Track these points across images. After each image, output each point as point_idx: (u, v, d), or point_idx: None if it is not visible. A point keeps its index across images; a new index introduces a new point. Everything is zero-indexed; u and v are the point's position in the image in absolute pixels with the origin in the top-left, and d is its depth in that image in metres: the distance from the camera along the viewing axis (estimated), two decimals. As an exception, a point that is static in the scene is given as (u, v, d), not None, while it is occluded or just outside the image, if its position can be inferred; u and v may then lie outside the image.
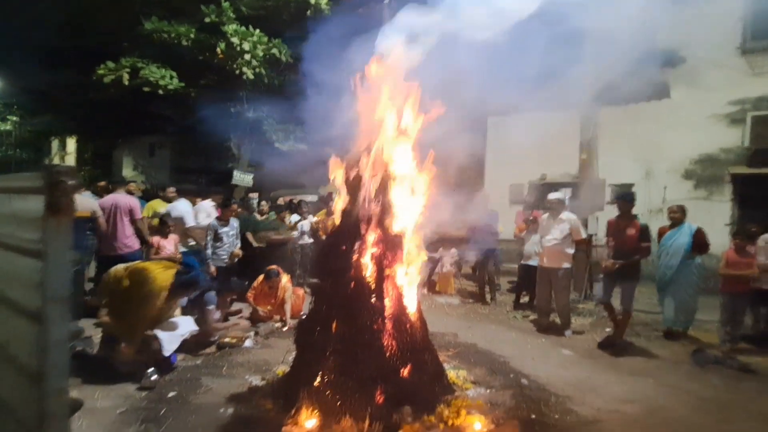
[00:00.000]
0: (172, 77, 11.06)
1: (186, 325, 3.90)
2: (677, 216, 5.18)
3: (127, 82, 10.76)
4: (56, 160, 23.46)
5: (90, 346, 4.10)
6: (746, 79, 8.64)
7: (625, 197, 5.07)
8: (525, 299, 6.67)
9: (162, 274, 3.69)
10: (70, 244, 1.32)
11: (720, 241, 5.01)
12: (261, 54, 10.89)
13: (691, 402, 3.55)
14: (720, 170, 8.87)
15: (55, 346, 1.28)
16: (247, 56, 10.82)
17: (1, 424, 1.71)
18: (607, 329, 5.32)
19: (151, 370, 3.53)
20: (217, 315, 4.72)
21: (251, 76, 11.11)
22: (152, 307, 3.61)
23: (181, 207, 5.91)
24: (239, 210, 6.47)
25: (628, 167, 9.27)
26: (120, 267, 3.85)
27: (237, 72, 11.03)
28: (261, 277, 5.52)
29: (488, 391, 3.62)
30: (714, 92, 8.75)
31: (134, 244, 5.28)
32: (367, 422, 2.85)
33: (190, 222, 5.81)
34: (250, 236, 6.49)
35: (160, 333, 3.66)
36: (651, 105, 9.16)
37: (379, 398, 2.96)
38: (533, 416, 3.19)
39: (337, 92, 4.04)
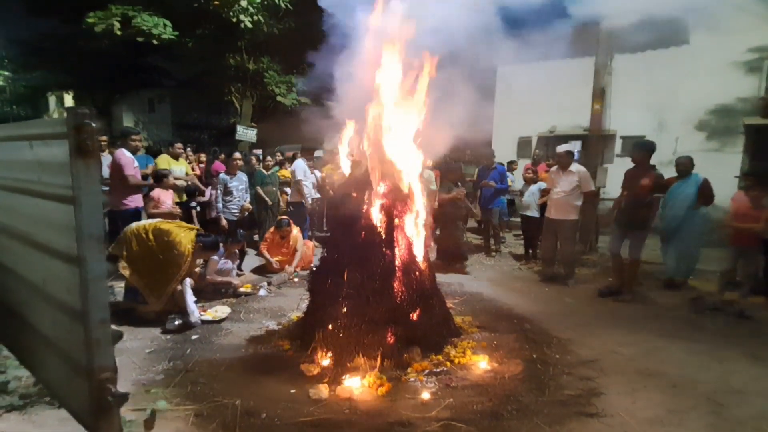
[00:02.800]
0: (165, 26, 10.59)
1: (221, 313, 4.06)
2: (684, 167, 5.14)
3: (119, 32, 10.33)
4: (55, 116, 23.13)
5: (112, 295, 4.30)
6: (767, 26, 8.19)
7: (638, 146, 4.97)
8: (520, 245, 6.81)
9: (185, 238, 3.84)
10: (100, 185, 1.36)
11: (728, 192, 4.96)
12: (258, 0, 10.36)
13: (685, 345, 3.71)
14: (734, 121, 8.65)
15: (95, 282, 1.36)
16: (243, 2, 10.30)
17: (46, 356, 1.86)
18: (609, 279, 5.46)
19: (173, 315, 3.73)
20: (230, 265, 4.88)
21: (249, 25, 10.63)
22: (179, 269, 3.80)
23: (298, 163, 6.71)
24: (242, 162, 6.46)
25: (641, 118, 9.05)
26: (140, 225, 3.97)
27: (234, 20, 10.54)
28: (272, 229, 5.65)
29: (492, 334, 3.81)
30: (734, 38, 8.33)
31: (128, 201, 5.00)
32: (378, 360, 3.05)
33: (299, 176, 6.49)
34: (260, 190, 6.55)
35: (194, 316, 3.82)
36: (669, 51, 8.77)
37: (390, 339, 3.15)
38: (535, 356, 3.38)
39: (341, 40, 3.90)
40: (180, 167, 6.07)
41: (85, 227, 1.34)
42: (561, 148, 5.48)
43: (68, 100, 22.97)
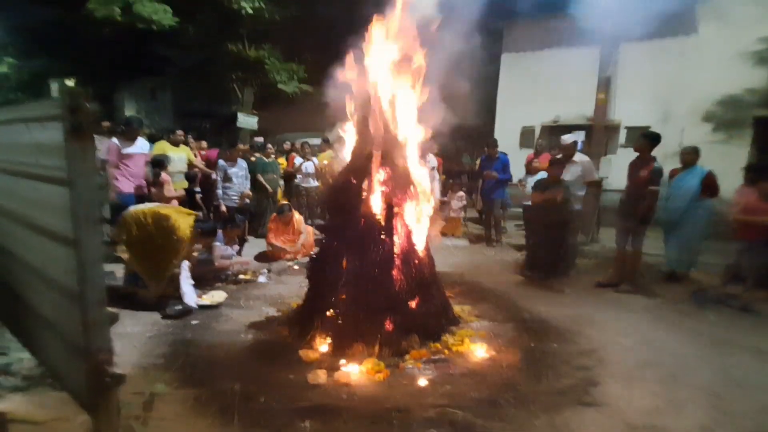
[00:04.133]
0: (166, 12, 10.49)
1: (218, 297, 4.10)
2: (690, 158, 5.08)
3: (119, 18, 10.25)
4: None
5: (113, 280, 4.33)
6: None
7: (640, 136, 4.90)
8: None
9: (183, 223, 3.85)
10: (95, 166, 1.35)
11: (735, 185, 4.90)
12: (260, -15, 10.23)
13: (686, 336, 3.70)
14: (742, 113, 8.51)
15: (91, 264, 1.36)
16: (246, -11, 10.19)
17: (46, 338, 1.88)
18: (610, 270, 5.45)
19: (173, 300, 3.76)
20: (230, 251, 4.90)
21: (250, 11, 10.52)
22: (177, 254, 3.83)
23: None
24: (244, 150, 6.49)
25: (646, 109, 8.93)
26: (140, 210, 3.98)
27: (235, 6, 10.43)
28: (274, 216, 5.67)
29: (491, 323, 3.82)
30: (744, 28, 8.15)
31: (123, 188, 5.06)
32: (377, 348, 3.06)
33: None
34: (261, 178, 6.55)
35: (187, 298, 3.83)
36: (677, 41, 8.61)
37: (389, 327, 3.16)
38: (533, 345, 3.39)
39: (343, 28, 3.84)
40: (180, 154, 6.05)
41: (80, 209, 1.34)
42: (566, 139, 5.43)
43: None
